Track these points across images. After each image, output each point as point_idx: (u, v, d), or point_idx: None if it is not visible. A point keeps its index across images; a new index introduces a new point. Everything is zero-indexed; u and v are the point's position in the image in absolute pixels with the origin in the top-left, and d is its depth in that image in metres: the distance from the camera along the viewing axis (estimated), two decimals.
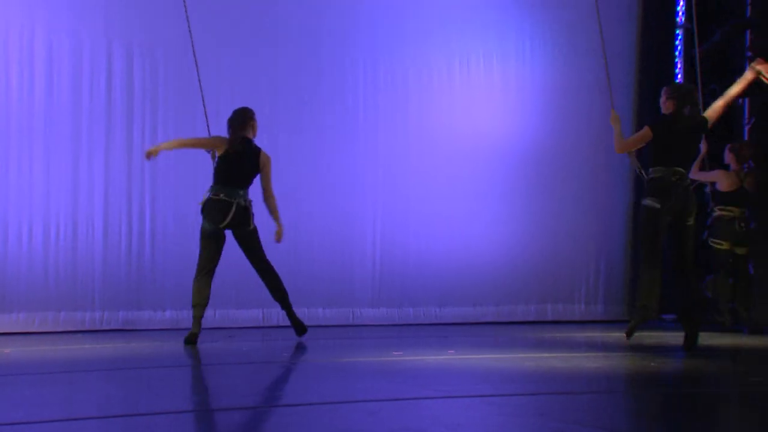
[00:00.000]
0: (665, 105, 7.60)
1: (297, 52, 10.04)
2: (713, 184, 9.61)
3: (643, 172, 7.75)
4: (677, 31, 11.30)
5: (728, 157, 9.65)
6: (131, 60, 9.32)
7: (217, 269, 9.38)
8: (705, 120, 7.60)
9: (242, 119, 8.01)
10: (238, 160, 7.89)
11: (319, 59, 10.15)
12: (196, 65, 8.45)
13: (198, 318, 7.79)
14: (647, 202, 7.42)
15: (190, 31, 8.39)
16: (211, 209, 7.82)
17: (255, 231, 8.08)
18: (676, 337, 8.16)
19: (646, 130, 7.57)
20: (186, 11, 8.33)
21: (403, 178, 10.45)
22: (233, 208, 7.83)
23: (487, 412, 4.70)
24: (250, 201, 8.04)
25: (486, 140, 10.78)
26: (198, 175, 9.55)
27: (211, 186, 7.95)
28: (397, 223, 10.42)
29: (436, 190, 10.56)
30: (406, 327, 10.06)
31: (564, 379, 5.85)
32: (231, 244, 9.49)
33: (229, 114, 8.90)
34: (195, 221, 9.36)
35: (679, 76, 11.23)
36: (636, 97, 11.49)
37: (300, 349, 7.65)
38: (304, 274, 9.97)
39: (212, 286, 9.16)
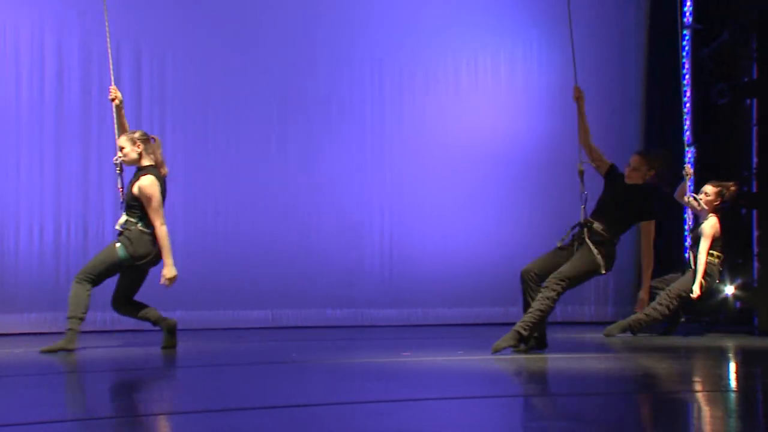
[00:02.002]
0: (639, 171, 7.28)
1: (304, 52, 10.08)
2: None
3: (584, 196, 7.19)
4: (684, 32, 11.29)
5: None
6: (139, 60, 9.37)
7: (230, 271, 9.46)
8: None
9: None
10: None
11: (327, 59, 10.19)
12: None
13: None
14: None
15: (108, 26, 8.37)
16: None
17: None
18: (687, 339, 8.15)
19: (607, 163, 7.35)
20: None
21: (411, 178, 10.47)
22: None
23: (499, 413, 4.71)
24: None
25: (494, 141, 10.81)
26: (209, 175, 9.59)
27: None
28: (405, 224, 10.45)
29: (445, 190, 10.59)
30: (414, 328, 10.08)
31: (576, 380, 5.86)
32: (236, 247, 9.55)
33: (240, 117, 9.04)
34: (204, 222, 9.43)
35: (687, 76, 11.22)
36: (644, 97, 11.52)
37: (309, 349, 7.66)
38: (313, 275, 10.02)
39: (223, 287, 9.20)
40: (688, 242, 9.99)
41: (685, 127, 10.35)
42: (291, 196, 10.01)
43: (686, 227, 10.81)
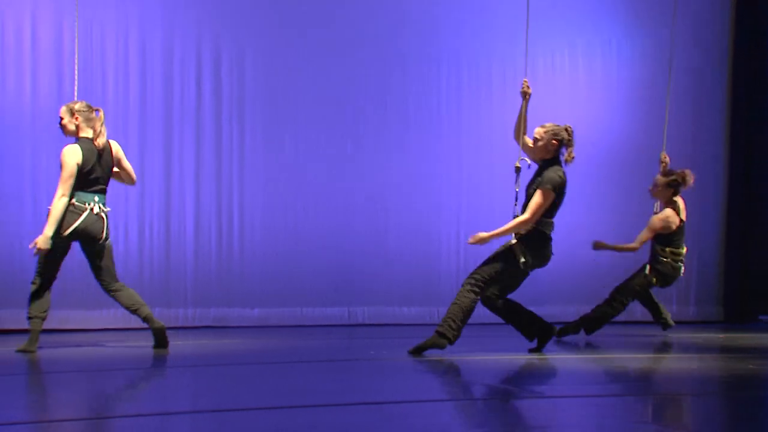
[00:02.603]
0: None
1: (382, 52, 10.11)
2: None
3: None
4: None
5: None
6: (219, 63, 9.46)
7: (304, 270, 9.50)
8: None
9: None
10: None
11: (403, 59, 10.21)
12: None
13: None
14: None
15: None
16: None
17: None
18: None
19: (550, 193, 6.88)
20: None
21: (486, 176, 10.43)
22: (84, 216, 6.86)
23: (578, 413, 4.68)
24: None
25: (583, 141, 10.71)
26: (284, 176, 9.66)
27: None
28: (481, 222, 10.39)
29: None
30: (487, 326, 10.03)
31: (658, 380, 5.79)
32: (311, 245, 9.63)
33: (320, 116, 9.15)
34: (282, 221, 9.49)
35: None
36: (729, 89, 11.37)
37: (387, 346, 7.67)
38: (389, 273, 10.04)
39: (300, 286, 9.25)
40: None
41: None
42: (368, 197, 10.05)
43: None
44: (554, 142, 6.94)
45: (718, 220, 11.40)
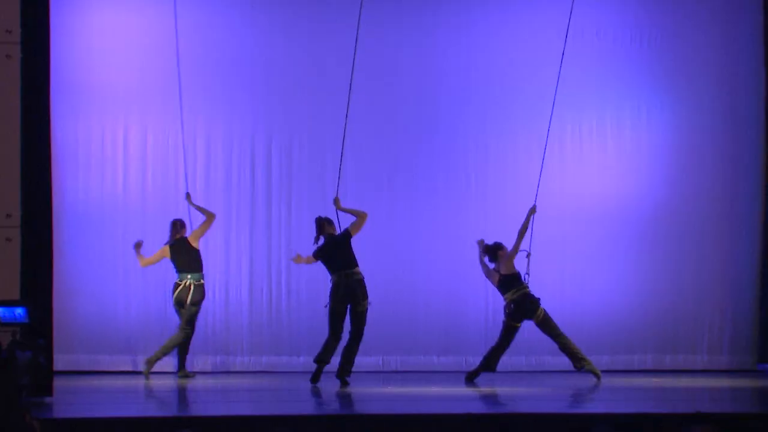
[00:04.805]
0: None
1: (412, 114, 11.35)
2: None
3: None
4: None
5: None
6: (270, 148, 11.25)
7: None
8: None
9: None
10: None
11: (435, 124, 11.35)
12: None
13: None
14: None
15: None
16: None
17: None
18: None
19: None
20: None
21: (526, 243, 10.76)
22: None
23: None
24: None
25: (611, 203, 11.48)
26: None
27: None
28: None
29: (559, 249, 11.31)
30: (522, 374, 10.96)
31: None
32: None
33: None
34: (323, 282, 10.98)
35: None
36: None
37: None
38: (421, 323, 11.22)
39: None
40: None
41: None
42: (398, 250, 11.27)
43: None
44: None
45: (755, 271, 11.65)
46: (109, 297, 10.97)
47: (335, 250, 9.61)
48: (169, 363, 10.71)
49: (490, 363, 10.14)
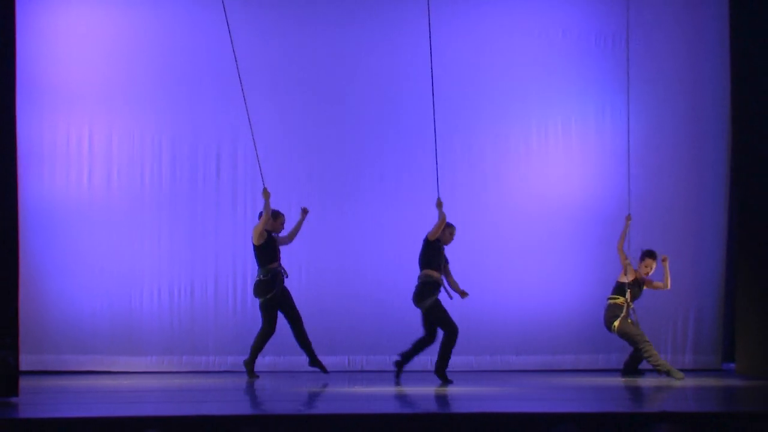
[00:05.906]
0: None
1: (375, 123, 11.44)
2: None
3: None
4: None
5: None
6: (236, 148, 11.29)
7: (308, 317, 10.92)
8: None
9: None
10: None
11: (398, 130, 11.44)
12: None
13: None
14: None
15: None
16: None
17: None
18: None
19: None
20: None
21: (493, 243, 11.39)
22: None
23: None
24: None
25: (576, 203, 11.55)
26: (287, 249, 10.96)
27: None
28: (488, 281, 11.32)
29: (524, 249, 11.42)
30: (480, 373, 11.07)
31: None
32: (318, 294, 11.20)
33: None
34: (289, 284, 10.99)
35: None
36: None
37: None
38: (387, 323, 11.19)
39: (306, 332, 10.74)
40: None
41: None
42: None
43: None
44: None
45: (718, 270, 11.66)
46: (74, 297, 10.98)
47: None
48: (140, 363, 10.81)
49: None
